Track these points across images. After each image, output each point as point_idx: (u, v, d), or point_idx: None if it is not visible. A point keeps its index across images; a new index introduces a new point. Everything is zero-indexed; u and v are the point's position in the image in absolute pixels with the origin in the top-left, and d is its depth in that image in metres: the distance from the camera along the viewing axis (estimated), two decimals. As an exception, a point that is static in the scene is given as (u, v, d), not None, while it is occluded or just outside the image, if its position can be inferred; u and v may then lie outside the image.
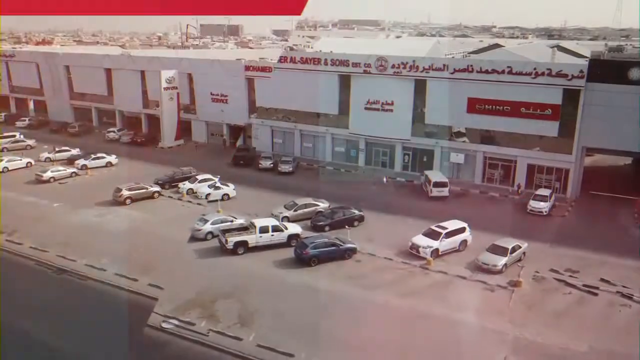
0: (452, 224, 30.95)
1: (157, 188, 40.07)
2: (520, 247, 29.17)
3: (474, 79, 41.87)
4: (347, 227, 32.46)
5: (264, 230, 30.22)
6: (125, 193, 37.87)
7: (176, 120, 55.99)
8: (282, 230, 30.73)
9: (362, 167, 48.36)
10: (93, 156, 47.65)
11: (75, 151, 49.91)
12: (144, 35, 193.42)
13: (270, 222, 31.18)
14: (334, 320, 23.33)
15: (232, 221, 32.51)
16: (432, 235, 29.96)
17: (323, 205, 36.01)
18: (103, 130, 60.86)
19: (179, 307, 24.17)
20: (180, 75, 55.50)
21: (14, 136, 55.36)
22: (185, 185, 40.64)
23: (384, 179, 43.12)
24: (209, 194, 39.08)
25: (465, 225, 31.14)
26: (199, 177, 41.33)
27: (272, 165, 47.31)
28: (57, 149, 49.44)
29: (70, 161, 47.73)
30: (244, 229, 30.92)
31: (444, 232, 29.93)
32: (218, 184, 40.05)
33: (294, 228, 31.63)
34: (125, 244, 30.71)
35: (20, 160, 47.29)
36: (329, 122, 49.91)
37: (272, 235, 30.34)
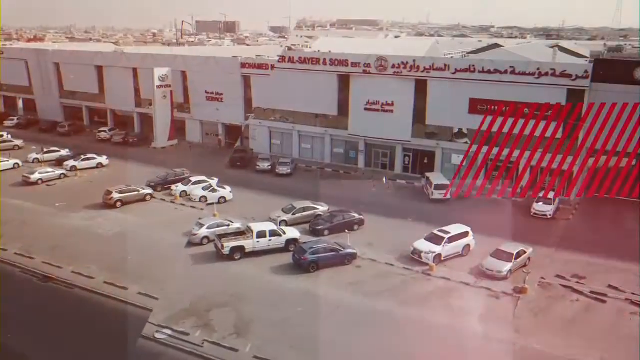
0: (455, 228, 30.38)
1: (149, 190, 39.18)
2: (525, 252, 28.65)
3: (476, 79, 41.35)
4: (346, 231, 32.01)
5: (261, 234, 29.64)
6: (116, 196, 36.93)
7: (169, 120, 55.09)
8: (280, 235, 30.16)
9: (362, 169, 47.73)
10: (83, 157, 46.65)
11: (64, 152, 48.86)
12: (138, 32, 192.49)
13: (268, 226, 30.60)
14: (333, 329, 22.71)
15: (228, 225, 31.93)
16: (435, 239, 29.37)
17: (322, 208, 35.41)
18: (94, 130, 59.87)
19: (173, 316, 23.46)
20: (174, 73, 54.65)
21: (2, 136, 54.55)
22: (179, 188, 39.70)
23: (384, 181, 42.35)
24: (203, 196, 38.20)
25: (468, 229, 30.57)
26: (193, 179, 40.45)
27: (269, 167, 46.69)
28: (45, 150, 48.21)
29: (59, 162, 46.74)
30: (240, 233, 30.44)
31: (446, 236, 29.38)
32: (215, 187, 39.09)
33: (292, 232, 31.04)
34: (116, 249, 29.93)
35: (7, 161, 46.14)
36: (328, 123, 49.21)
37: (270, 240, 29.77)
